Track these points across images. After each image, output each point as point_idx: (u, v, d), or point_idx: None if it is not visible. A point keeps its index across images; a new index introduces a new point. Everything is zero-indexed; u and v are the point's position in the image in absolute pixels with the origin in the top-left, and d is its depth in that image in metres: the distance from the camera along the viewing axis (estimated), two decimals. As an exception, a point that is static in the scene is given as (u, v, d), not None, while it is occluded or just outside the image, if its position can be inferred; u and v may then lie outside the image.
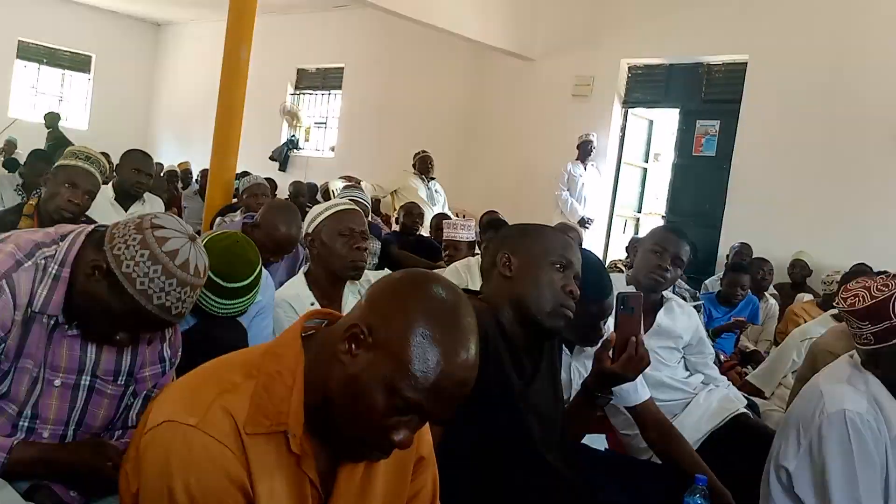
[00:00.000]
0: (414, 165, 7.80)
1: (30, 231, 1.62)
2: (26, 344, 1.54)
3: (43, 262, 1.53)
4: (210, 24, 12.58)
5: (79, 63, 14.04)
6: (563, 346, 2.37)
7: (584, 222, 7.81)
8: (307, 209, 6.98)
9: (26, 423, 1.60)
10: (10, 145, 10.10)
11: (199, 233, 6.32)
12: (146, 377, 1.71)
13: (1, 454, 1.50)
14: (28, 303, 1.51)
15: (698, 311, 3.77)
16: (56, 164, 3.17)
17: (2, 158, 8.82)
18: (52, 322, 1.55)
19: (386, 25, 9.38)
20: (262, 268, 2.20)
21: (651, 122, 8.79)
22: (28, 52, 13.38)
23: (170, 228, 1.49)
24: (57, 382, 1.59)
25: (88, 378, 1.63)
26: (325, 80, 11.82)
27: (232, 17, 5.47)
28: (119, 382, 1.66)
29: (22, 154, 8.85)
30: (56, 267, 1.53)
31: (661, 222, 8.09)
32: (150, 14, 14.12)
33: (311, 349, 1.25)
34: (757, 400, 3.63)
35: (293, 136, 12.10)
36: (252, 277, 2.10)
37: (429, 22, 7.74)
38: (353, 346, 1.17)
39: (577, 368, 2.57)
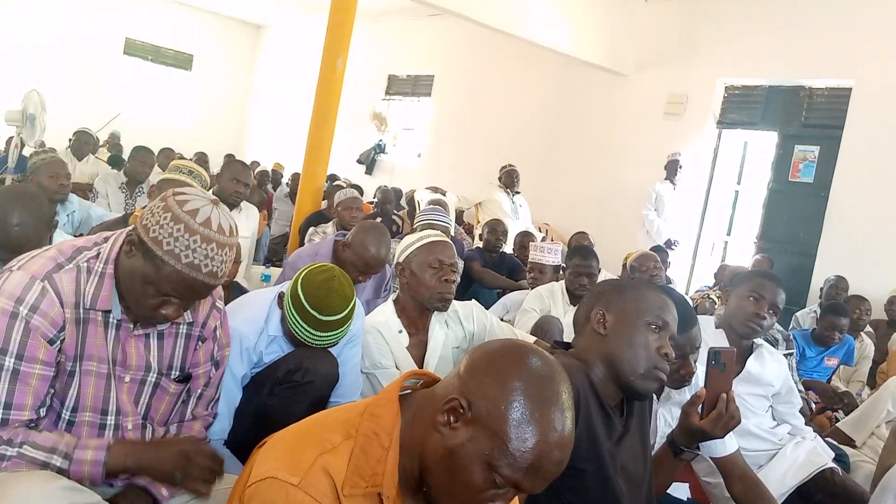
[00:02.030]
0: (500, 178, 7.78)
1: (73, 238, 1.74)
2: (86, 345, 1.64)
3: (85, 264, 1.63)
4: (307, 28, 12.86)
5: (181, 61, 14.60)
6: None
7: (670, 244, 7.64)
8: (394, 216, 7.12)
9: (111, 421, 1.70)
10: (114, 137, 10.57)
11: (287, 235, 6.46)
12: (199, 375, 1.85)
13: (101, 452, 1.59)
14: (77, 302, 1.60)
15: (790, 357, 3.65)
16: (160, 178, 3.35)
17: (107, 154, 9.21)
18: (114, 321, 1.65)
19: (478, 36, 9.39)
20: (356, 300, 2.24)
21: (745, 143, 8.54)
22: (134, 48, 13.97)
23: (191, 194, 1.59)
24: (127, 379, 1.71)
25: (155, 375, 1.75)
26: (416, 86, 11.91)
27: (331, 27, 5.60)
28: (178, 380, 1.79)
29: (123, 147, 9.28)
30: (101, 265, 1.63)
31: (751, 247, 7.87)
32: (249, 16, 14.56)
33: (407, 411, 1.28)
34: (847, 449, 3.50)
35: (381, 140, 12.26)
36: (346, 311, 2.14)
37: (522, 35, 7.70)
38: (452, 419, 1.19)
39: (663, 415, 2.54)
